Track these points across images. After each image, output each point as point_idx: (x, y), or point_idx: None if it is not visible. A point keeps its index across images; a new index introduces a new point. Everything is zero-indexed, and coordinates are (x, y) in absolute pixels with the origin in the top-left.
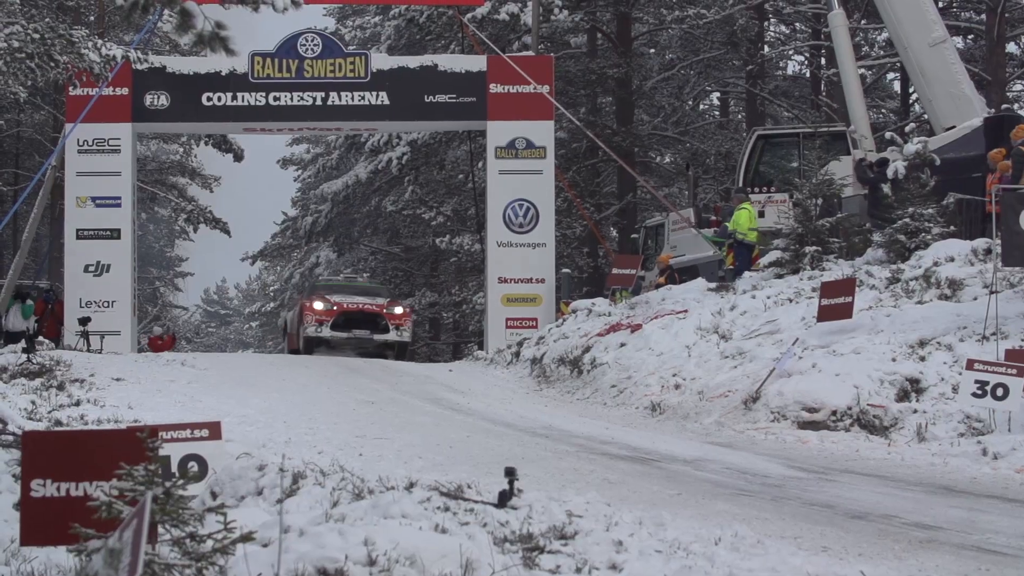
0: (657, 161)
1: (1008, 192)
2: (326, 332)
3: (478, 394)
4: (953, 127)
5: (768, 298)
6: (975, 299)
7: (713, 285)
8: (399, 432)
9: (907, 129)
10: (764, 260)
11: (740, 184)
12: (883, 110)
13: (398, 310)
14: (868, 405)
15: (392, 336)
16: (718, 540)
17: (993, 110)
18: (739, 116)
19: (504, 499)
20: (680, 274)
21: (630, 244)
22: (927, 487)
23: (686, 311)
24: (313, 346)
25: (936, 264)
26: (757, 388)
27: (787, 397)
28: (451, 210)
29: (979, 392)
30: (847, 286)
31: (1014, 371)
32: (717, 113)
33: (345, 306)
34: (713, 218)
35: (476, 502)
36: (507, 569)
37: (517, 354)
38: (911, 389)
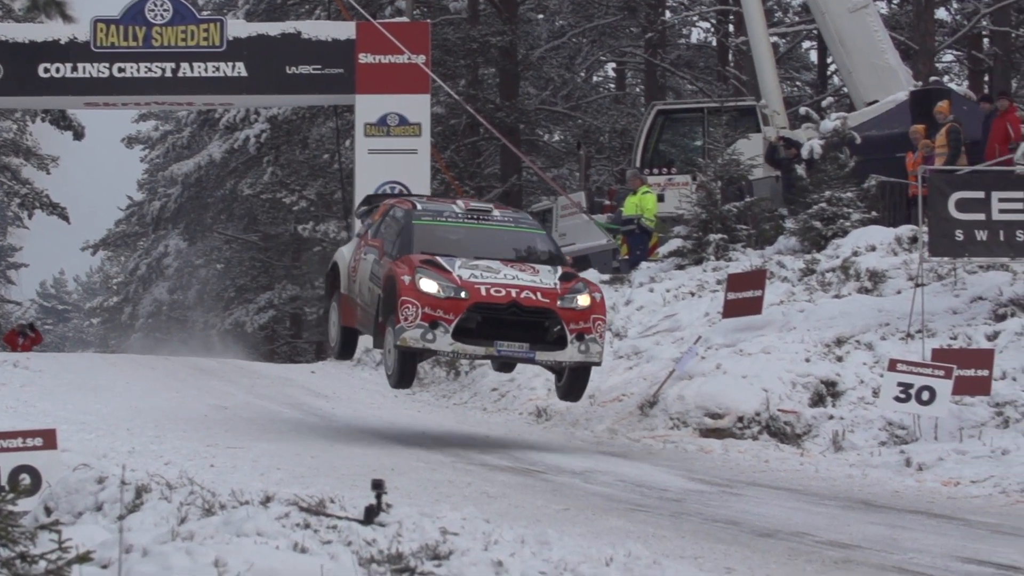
0: (545, 139)
1: (936, 174)
2: (443, 341)
3: (343, 398)
4: (875, 102)
5: (668, 291)
6: (899, 293)
7: (606, 277)
8: (255, 440)
9: (824, 104)
10: (663, 249)
11: (637, 165)
12: (798, 83)
13: (582, 300)
14: (779, 411)
15: (571, 354)
16: (610, 560)
17: (920, 83)
18: (637, 89)
19: (371, 515)
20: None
21: None
22: (843, 501)
23: None
24: (413, 361)
25: (856, 254)
26: (655, 392)
27: (688, 402)
28: (315, 194)
29: (903, 396)
30: (756, 278)
31: (941, 373)
32: (612, 86)
33: (484, 294)
34: (607, 203)
35: (340, 518)
36: None
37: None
38: (827, 393)
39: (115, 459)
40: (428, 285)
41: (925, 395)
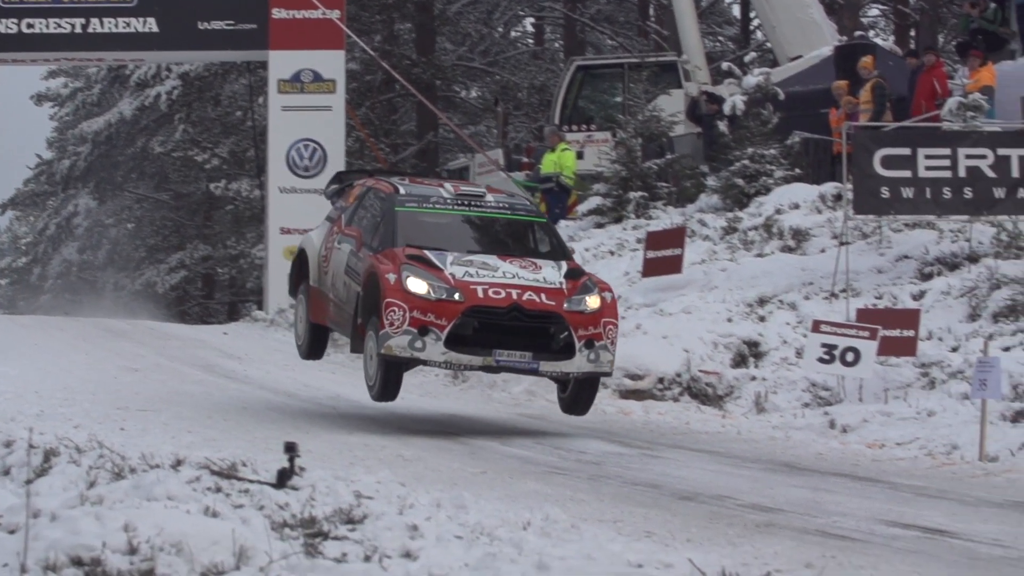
0: (462, 96)
1: (861, 130)
2: (434, 350)
3: (256, 360)
4: (799, 57)
5: (587, 250)
6: (822, 251)
7: None
8: (166, 403)
9: (747, 60)
10: (582, 207)
11: (556, 122)
12: (720, 38)
13: (592, 302)
14: (700, 372)
15: (579, 364)
16: (527, 524)
17: (845, 38)
18: (556, 45)
19: (284, 479)
20: None
21: None
22: (766, 464)
23: None
24: (398, 371)
25: (779, 212)
26: None
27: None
28: (227, 152)
29: (826, 357)
30: (676, 236)
31: (866, 333)
32: (531, 41)
33: (481, 296)
34: (525, 160)
35: (252, 482)
36: (286, 557)
37: None
38: (749, 353)
39: (23, 422)
40: (417, 285)
41: (849, 356)
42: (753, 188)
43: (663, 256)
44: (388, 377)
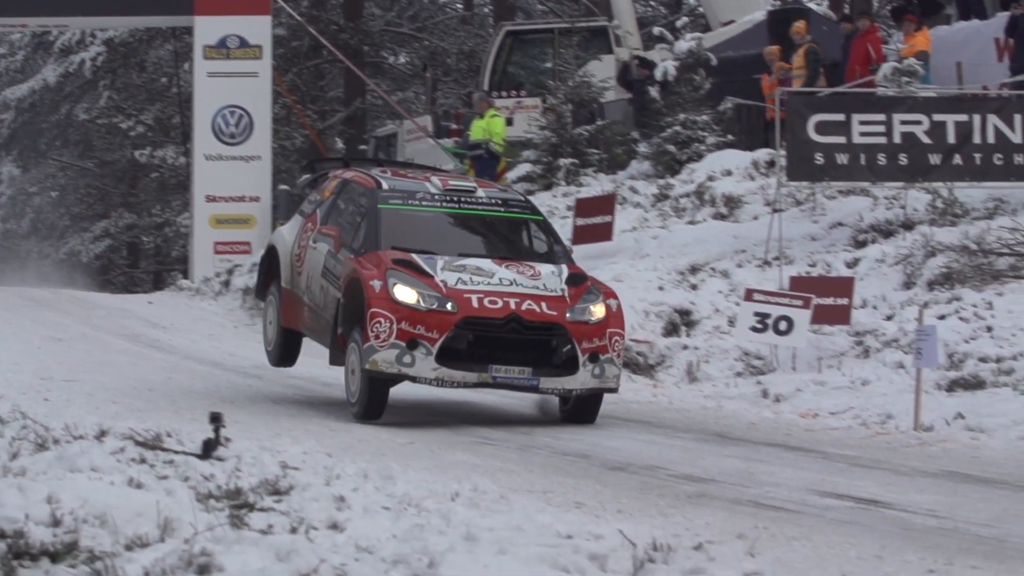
0: (390, 62)
1: (795, 96)
2: (424, 366)
3: (182, 329)
4: (732, 22)
5: None
6: (755, 219)
7: None
8: (91, 373)
9: (679, 24)
10: (512, 174)
11: (485, 88)
12: (651, 3)
13: (596, 311)
14: (631, 340)
15: (583, 380)
16: (455, 495)
17: (778, 2)
18: (485, 10)
19: (209, 449)
20: None
21: (358, 156)
22: (698, 434)
23: None
24: (384, 388)
25: (711, 179)
26: None
27: None
28: (152, 119)
29: (759, 326)
30: (606, 203)
31: (799, 302)
32: (460, 6)
33: (476, 305)
34: (453, 126)
35: (177, 453)
36: (211, 529)
37: (227, 283)
38: (681, 322)
39: None
40: (405, 294)
41: (782, 325)
42: (685, 155)
43: (593, 223)
44: (373, 395)
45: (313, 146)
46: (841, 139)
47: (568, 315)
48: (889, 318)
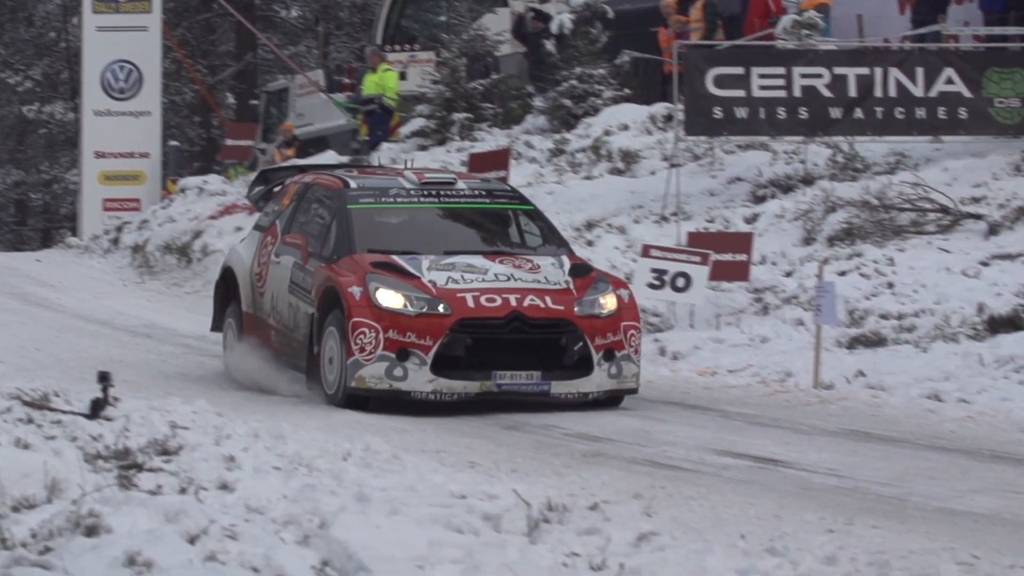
0: (282, 15)
1: (693, 49)
2: (418, 378)
3: (70, 288)
4: None
5: None
6: (652, 174)
7: (346, 159)
8: None
9: None
10: (405, 129)
11: (378, 41)
12: None
13: (607, 302)
14: None
15: (599, 381)
16: (347, 455)
17: None
18: None
19: (97, 409)
20: (308, 145)
21: (250, 112)
22: None
23: None
24: (362, 402)
25: (607, 133)
26: None
27: None
28: (41, 74)
29: (656, 282)
30: (500, 158)
31: (697, 258)
32: None
33: (471, 305)
34: (346, 81)
35: (65, 413)
36: (99, 490)
37: (116, 241)
38: None
39: None
40: (389, 298)
41: (680, 281)
42: (581, 109)
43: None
44: (353, 402)
45: (203, 101)
46: (740, 93)
47: (576, 309)
48: (789, 274)
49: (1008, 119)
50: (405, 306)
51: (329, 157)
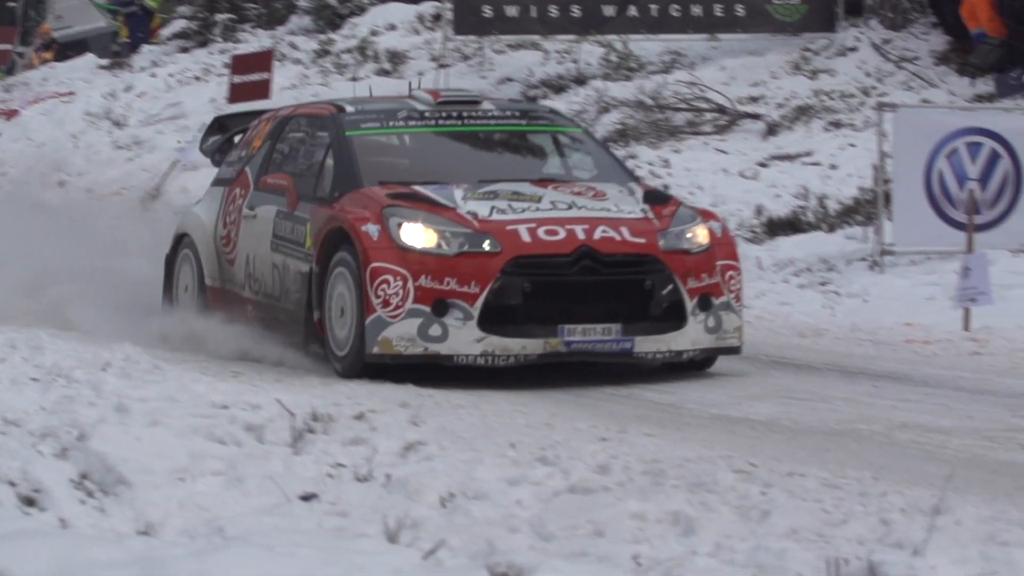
0: None
1: None
2: (462, 337)
3: None
4: None
5: (171, 76)
6: (421, 75)
7: (106, 62)
8: None
9: None
10: (166, 31)
11: None
12: None
13: (700, 234)
14: None
15: (695, 337)
16: (106, 365)
17: None
18: None
19: None
20: (67, 48)
21: (7, 14)
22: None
23: (72, 93)
24: (379, 369)
25: (374, 33)
26: (157, 184)
27: (194, 194)
28: None
29: None
30: (263, 60)
31: None
32: None
33: (528, 240)
34: None
35: None
36: None
37: None
38: None
39: None
40: (417, 236)
41: None
42: (347, 8)
43: (250, 81)
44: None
45: None
46: None
47: (661, 242)
48: None
49: (787, 16)
50: (439, 244)
51: (88, 60)
